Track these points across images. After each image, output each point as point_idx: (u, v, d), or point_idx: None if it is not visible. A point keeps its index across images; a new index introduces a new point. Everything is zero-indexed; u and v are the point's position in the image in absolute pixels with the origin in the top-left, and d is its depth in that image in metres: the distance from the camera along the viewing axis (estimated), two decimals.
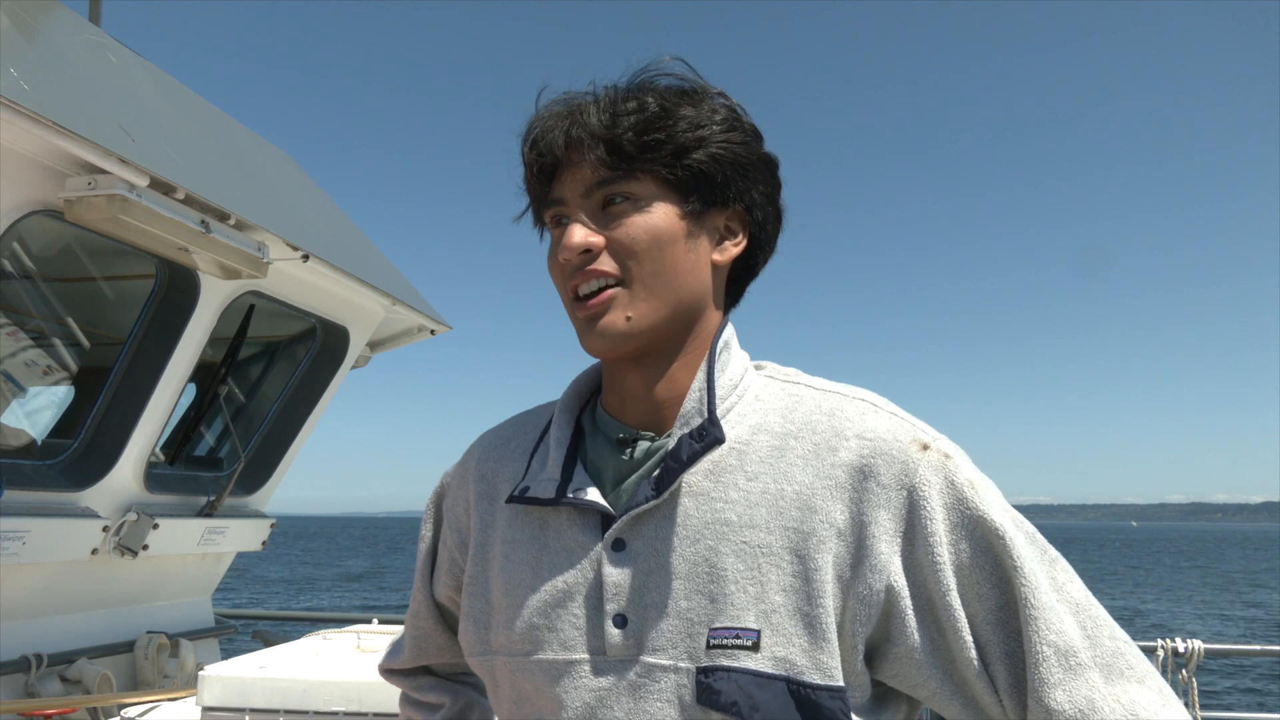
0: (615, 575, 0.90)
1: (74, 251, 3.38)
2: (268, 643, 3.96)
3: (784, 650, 0.85)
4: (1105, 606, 0.91)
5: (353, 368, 4.49)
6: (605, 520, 0.93)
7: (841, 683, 0.85)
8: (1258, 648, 4.63)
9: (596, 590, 0.91)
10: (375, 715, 2.26)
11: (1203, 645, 3.94)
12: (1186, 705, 3.84)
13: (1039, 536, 0.91)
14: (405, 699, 1.22)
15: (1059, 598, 0.87)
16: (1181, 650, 3.91)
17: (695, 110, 0.93)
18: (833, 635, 0.85)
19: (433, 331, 4.72)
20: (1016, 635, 0.86)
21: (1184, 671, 3.89)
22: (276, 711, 2.28)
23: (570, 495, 0.94)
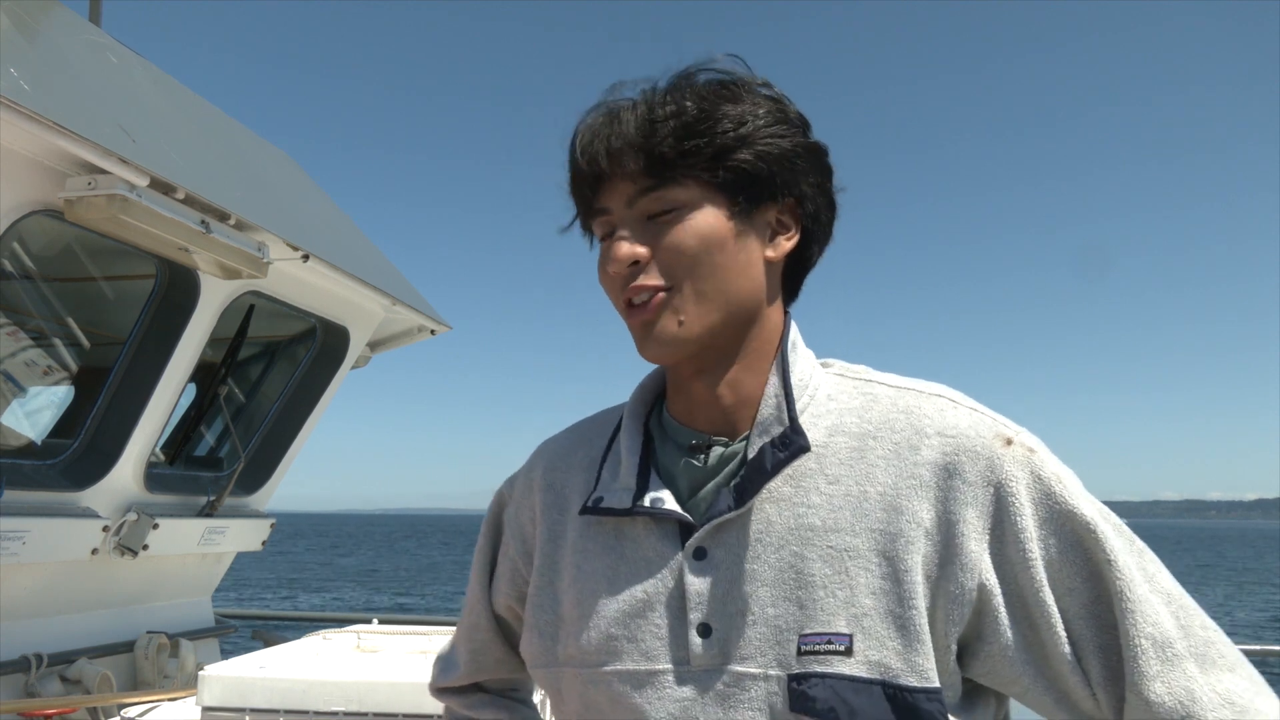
0: (698, 584, 0.89)
1: (74, 251, 3.38)
2: (268, 643, 3.96)
3: (878, 654, 0.84)
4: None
5: (353, 368, 4.49)
6: (683, 528, 0.92)
7: (937, 684, 0.84)
8: (1258, 648, 4.63)
9: (679, 599, 0.90)
10: (375, 715, 2.26)
11: None
12: None
13: (1125, 528, 0.90)
14: (453, 717, 1.19)
15: (1151, 589, 0.86)
16: None
17: (737, 107, 0.91)
18: (926, 636, 0.84)
19: (433, 331, 4.72)
20: (1110, 628, 0.86)
21: None
22: (276, 711, 2.28)
23: (647, 504, 0.93)
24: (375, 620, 3.76)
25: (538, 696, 1.27)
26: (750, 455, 0.92)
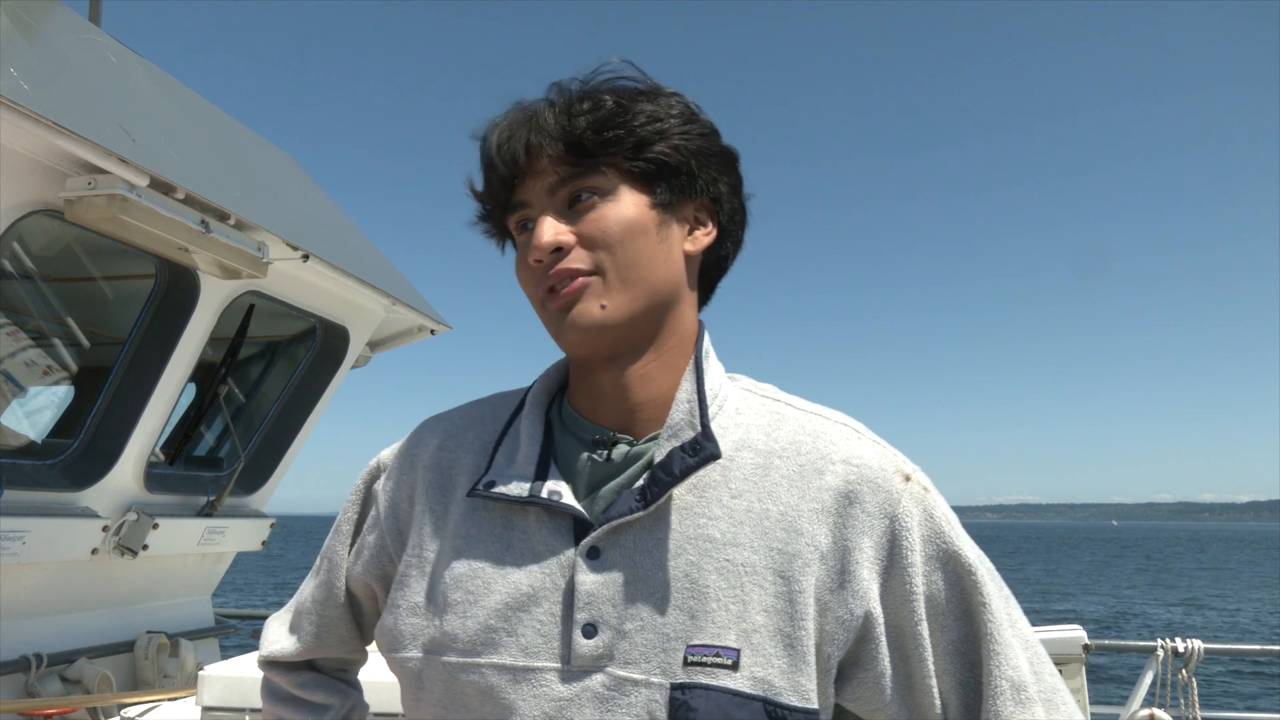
0: (589, 584, 0.88)
1: (74, 251, 3.38)
2: None
3: (763, 671, 0.84)
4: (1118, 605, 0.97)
5: (353, 368, 4.49)
6: (578, 525, 0.90)
7: (817, 706, 0.85)
8: (1258, 648, 4.63)
9: (567, 597, 0.88)
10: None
11: (1203, 645, 3.94)
12: (1186, 705, 3.84)
13: (997, 574, 0.94)
14: (279, 695, 1.12)
15: (1014, 634, 0.91)
16: (1181, 650, 3.91)
17: (653, 105, 0.93)
18: (811, 658, 0.86)
19: (433, 331, 4.72)
20: (973, 666, 0.90)
21: (1184, 671, 3.89)
22: None
23: (545, 496, 0.91)
24: None
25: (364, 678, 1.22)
26: (659, 458, 0.90)
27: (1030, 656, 0.91)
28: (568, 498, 0.91)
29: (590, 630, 0.87)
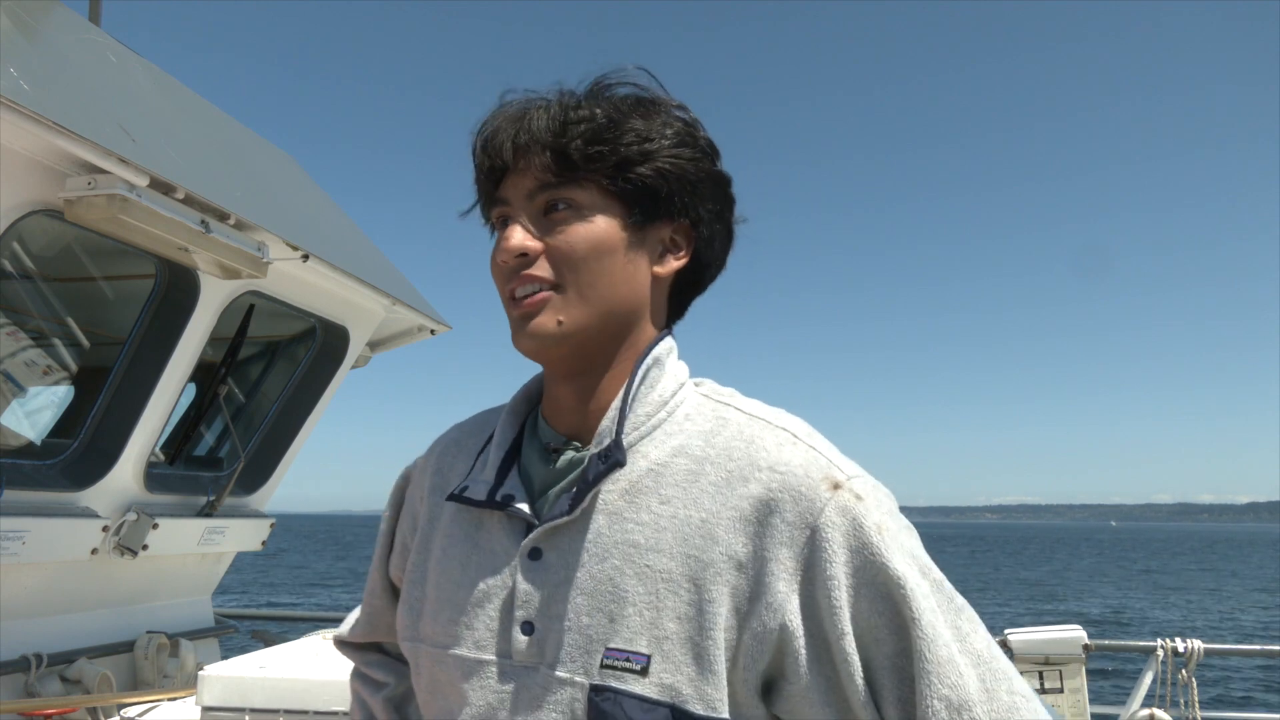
0: (527, 583, 0.92)
1: (74, 251, 3.38)
2: (268, 643, 3.96)
3: (671, 678, 0.85)
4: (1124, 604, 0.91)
5: (353, 368, 4.49)
6: (530, 527, 0.94)
7: (725, 716, 0.85)
8: (1258, 648, 4.63)
9: (512, 596, 0.93)
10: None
11: (1203, 645, 3.94)
12: (1186, 705, 3.85)
13: (946, 585, 0.89)
14: (355, 672, 1.24)
15: (961, 649, 0.85)
16: (1181, 650, 3.91)
17: (646, 123, 0.94)
18: (720, 668, 0.85)
19: (433, 331, 4.73)
20: (912, 683, 0.85)
21: (1184, 671, 3.89)
22: (276, 711, 2.28)
23: (498, 499, 0.95)
24: None
25: None
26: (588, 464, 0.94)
27: (983, 673, 0.85)
28: (519, 501, 0.95)
29: (528, 628, 0.91)
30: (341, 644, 1.26)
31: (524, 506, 0.94)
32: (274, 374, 4.39)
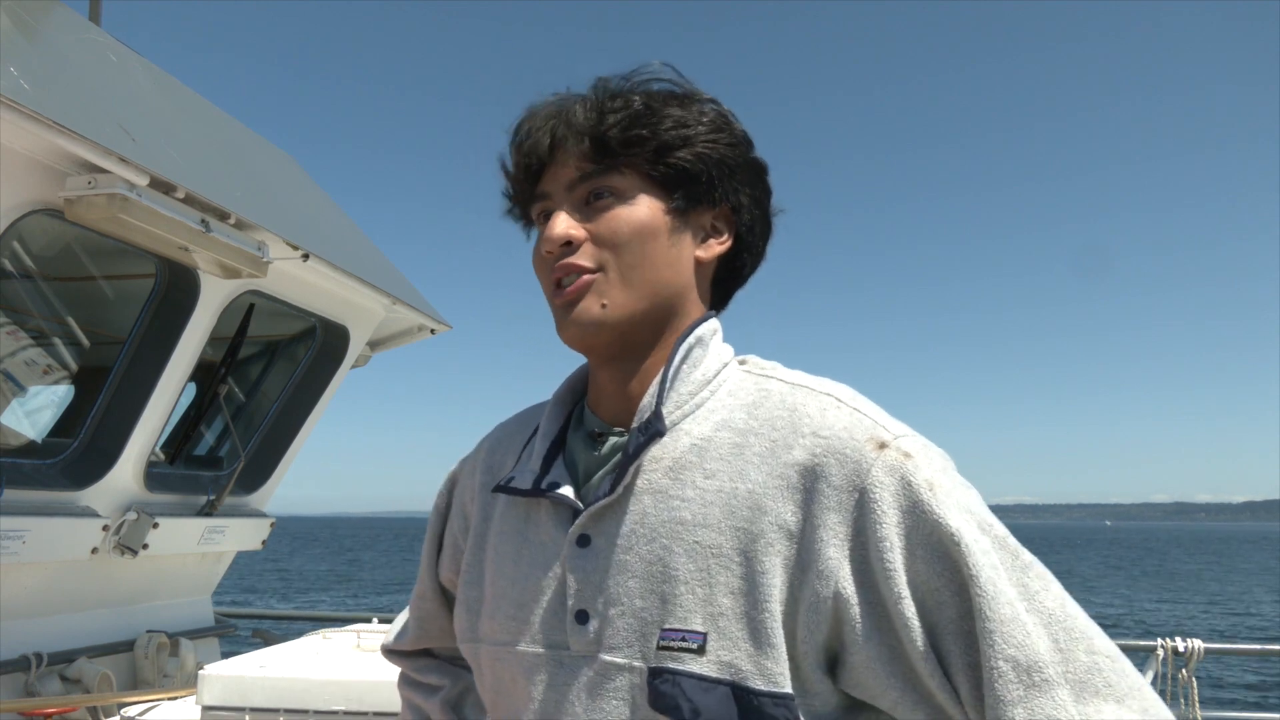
0: (577, 571, 0.91)
1: (74, 251, 3.38)
2: (268, 642, 3.96)
3: (729, 655, 0.83)
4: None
5: (353, 367, 4.49)
6: (576, 514, 0.93)
7: (788, 690, 0.82)
8: (1258, 647, 4.63)
9: (563, 586, 0.92)
10: (375, 714, 2.26)
11: (1203, 645, 3.94)
12: (1186, 705, 3.84)
13: (1011, 541, 0.84)
14: (405, 679, 1.22)
15: (1029, 607, 0.81)
16: (1181, 650, 3.91)
17: (683, 111, 0.94)
18: (779, 640, 0.83)
19: (433, 331, 4.73)
20: (978, 646, 0.81)
21: (1184, 671, 3.89)
22: (276, 711, 2.28)
23: (544, 488, 0.94)
24: (375, 620, 3.76)
25: None
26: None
27: (1055, 633, 0.80)
28: (564, 488, 0.94)
29: (582, 616, 0.90)
30: (390, 652, 1.23)
31: (568, 490, 0.93)
32: (274, 373, 4.39)
